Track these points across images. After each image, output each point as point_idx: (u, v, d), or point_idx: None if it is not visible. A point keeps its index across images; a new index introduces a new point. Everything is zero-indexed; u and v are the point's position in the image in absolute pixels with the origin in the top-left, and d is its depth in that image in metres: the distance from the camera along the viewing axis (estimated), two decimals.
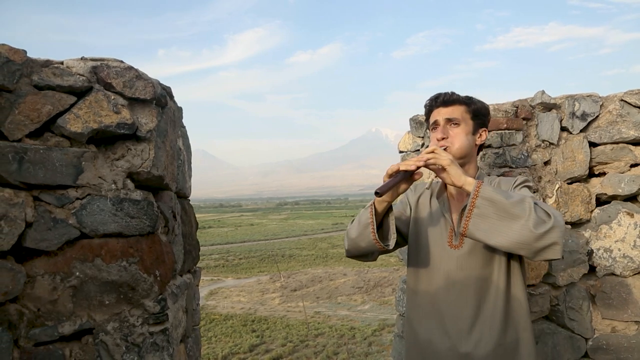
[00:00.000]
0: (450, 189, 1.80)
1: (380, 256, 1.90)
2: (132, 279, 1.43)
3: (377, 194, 1.53)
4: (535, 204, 1.45)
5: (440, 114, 1.76)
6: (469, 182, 1.51)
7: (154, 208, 1.51)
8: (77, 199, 1.38)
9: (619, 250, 2.37)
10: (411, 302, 1.84)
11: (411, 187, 1.94)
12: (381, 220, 1.72)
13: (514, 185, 1.70)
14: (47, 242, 1.32)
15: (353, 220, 1.80)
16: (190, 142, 2.15)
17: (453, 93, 1.78)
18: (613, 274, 2.40)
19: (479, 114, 1.78)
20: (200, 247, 2.24)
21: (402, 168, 1.56)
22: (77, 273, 1.37)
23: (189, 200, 2.18)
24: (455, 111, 1.74)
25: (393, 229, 1.70)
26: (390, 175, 1.58)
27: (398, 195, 1.66)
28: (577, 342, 2.39)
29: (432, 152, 1.57)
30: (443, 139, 1.73)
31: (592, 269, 2.45)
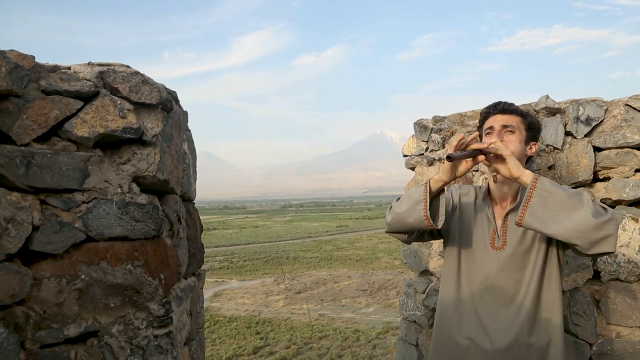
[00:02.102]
0: (494, 194, 1.84)
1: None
2: (137, 282, 1.45)
3: (449, 158, 1.54)
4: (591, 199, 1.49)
5: (497, 121, 1.80)
6: (526, 174, 1.55)
7: (159, 212, 1.53)
8: (83, 202, 1.39)
9: (624, 255, 2.36)
10: (446, 299, 1.86)
11: (456, 185, 1.97)
12: (431, 200, 1.73)
13: None
14: (53, 245, 1.33)
15: (399, 198, 1.81)
16: (195, 143, 2.17)
17: (512, 103, 1.83)
18: (618, 279, 2.39)
19: (533, 127, 1.83)
20: (205, 249, 2.25)
21: (474, 147, 1.59)
22: (83, 276, 1.38)
23: (194, 203, 2.19)
24: (512, 119, 1.79)
25: (443, 210, 1.72)
26: (457, 148, 1.60)
27: (455, 178, 1.67)
28: (581, 347, 2.38)
29: (494, 143, 1.60)
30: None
31: (597, 274, 2.44)
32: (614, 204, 2.43)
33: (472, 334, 1.74)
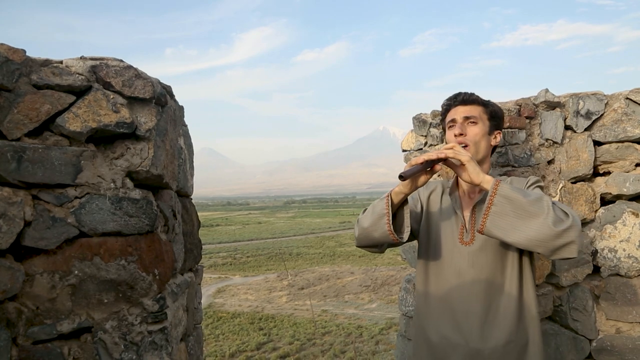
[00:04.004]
0: (462, 186, 1.81)
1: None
2: (130, 277, 1.44)
3: (402, 177, 1.52)
4: (553, 203, 1.45)
5: (458, 112, 1.77)
6: (486, 180, 1.51)
7: (153, 207, 1.51)
8: (76, 197, 1.38)
9: (624, 250, 2.35)
10: (421, 299, 1.84)
11: None
12: (395, 212, 1.72)
13: (527, 186, 1.70)
14: (45, 241, 1.33)
15: (365, 210, 1.79)
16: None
17: (472, 93, 1.80)
18: (618, 274, 2.37)
19: (496, 115, 1.80)
20: (208, 245, 2.25)
21: (425, 158, 1.56)
22: (76, 272, 1.37)
23: (191, 198, 2.18)
24: (474, 110, 1.76)
25: (407, 222, 1.69)
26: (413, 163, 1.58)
27: (416, 188, 1.65)
28: (580, 343, 2.37)
29: (452, 148, 1.58)
30: (460, 134, 1.74)
31: (597, 269, 2.43)
32: (614, 198, 2.41)
33: (447, 331, 1.70)
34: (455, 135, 1.75)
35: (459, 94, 1.80)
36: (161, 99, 1.57)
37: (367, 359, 16.50)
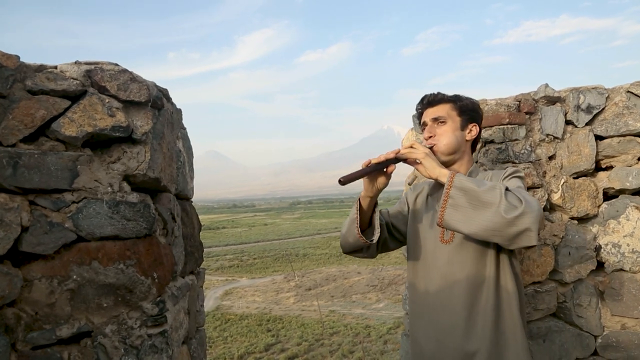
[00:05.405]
0: None
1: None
2: (129, 281, 1.44)
3: (341, 181, 1.54)
4: (507, 189, 1.45)
5: (428, 115, 1.80)
6: (443, 174, 1.54)
7: (151, 210, 1.51)
8: (73, 202, 1.39)
9: (628, 245, 2.33)
10: (410, 298, 1.86)
11: (411, 186, 1.97)
12: (371, 216, 1.78)
13: (504, 177, 1.70)
14: (43, 246, 1.33)
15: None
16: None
17: (438, 93, 1.81)
18: (622, 269, 2.35)
19: (467, 109, 1.79)
20: (215, 248, 2.25)
21: (374, 161, 1.60)
22: (75, 276, 1.37)
23: (191, 201, 2.18)
24: (441, 110, 1.77)
25: (377, 225, 1.76)
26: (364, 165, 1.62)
27: (379, 191, 1.71)
28: (585, 339, 2.35)
29: (410, 146, 1.62)
30: (430, 137, 1.77)
31: (600, 265, 2.40)
32: (617, 193, 2.40)
33: (433, 333, 1.70)
34: (425, 139, 1.79)
35: (425, 96, 1.83)
36: (157, 102, 1.57)
37: (375, 358, 16.48)
